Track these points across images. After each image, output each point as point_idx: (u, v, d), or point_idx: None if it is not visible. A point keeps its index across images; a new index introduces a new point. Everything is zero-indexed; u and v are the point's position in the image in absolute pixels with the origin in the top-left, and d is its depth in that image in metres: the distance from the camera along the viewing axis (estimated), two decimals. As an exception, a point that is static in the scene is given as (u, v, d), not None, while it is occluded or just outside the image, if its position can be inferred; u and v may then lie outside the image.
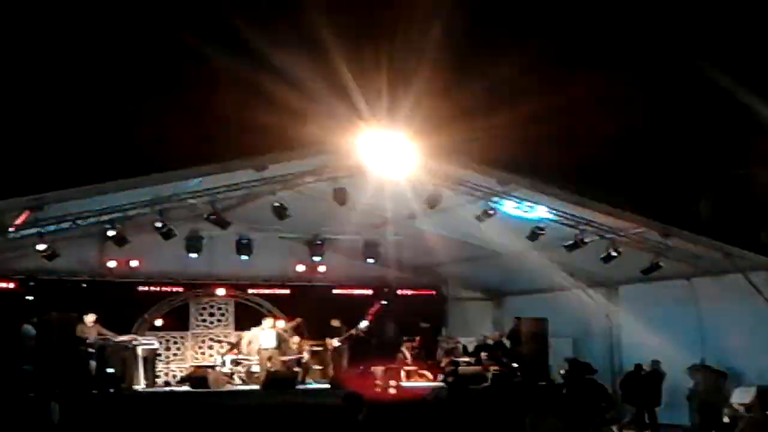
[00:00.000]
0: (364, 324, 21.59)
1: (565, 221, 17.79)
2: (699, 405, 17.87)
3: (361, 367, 20.03)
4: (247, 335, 20.81)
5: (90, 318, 18.61)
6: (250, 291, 23.32)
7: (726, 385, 17.70)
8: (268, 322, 20.63)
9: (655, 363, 19.18)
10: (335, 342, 21.20)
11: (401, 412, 15.45)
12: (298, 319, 21.37)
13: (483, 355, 21.01)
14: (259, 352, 19.98)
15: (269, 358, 19.76)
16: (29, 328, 17.91)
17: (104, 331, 18.66)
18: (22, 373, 16.64)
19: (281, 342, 20.21)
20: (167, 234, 17.42)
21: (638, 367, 19.32)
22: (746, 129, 19.79)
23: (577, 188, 17.04)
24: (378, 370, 19.84)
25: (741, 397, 16.89)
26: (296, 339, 21.17)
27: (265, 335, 20.16)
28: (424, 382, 21.00)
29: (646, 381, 19.08)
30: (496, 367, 20.19)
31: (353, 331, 21.31)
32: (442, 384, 19.85)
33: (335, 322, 21.59)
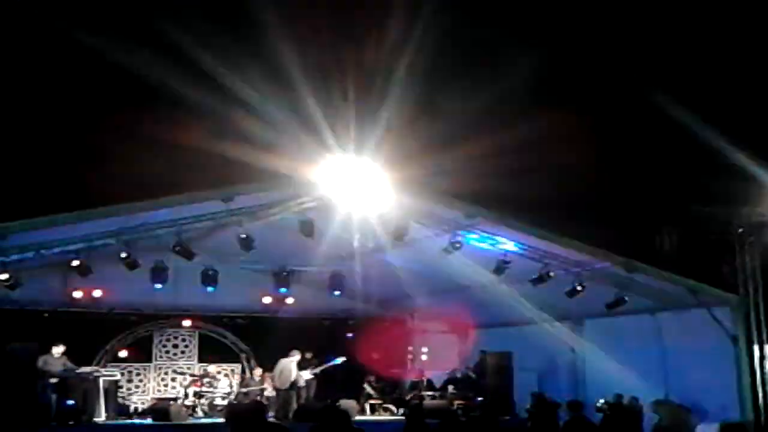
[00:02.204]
0: (341, 359, 21.58)
1: (531, 255, 17.86)
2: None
3: (329, 401, 19.91)
4: (278, 366, 20.63)
5: (59, 349, 18.44)
6: (214, 322, 23.17)
7: (690, 420, 17.76)
8: (295, 352, 20.51)
9: (618, 396, 19.15)
10: (308, 374, 21.08)
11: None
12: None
13: (450, 388, 21.00)
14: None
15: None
16: (-9, 359, 17.66)
17: (69, 363, 18.48)
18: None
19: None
20: (132, 264, 17.30)
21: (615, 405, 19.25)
22: (707, 165, 20.07)
23: (542, 222, 17.16)
24: (350, 404, 19.85)
25: (704, 432, 16.98)
26: (259, 371, 21.07)
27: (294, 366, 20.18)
28: (388, 416, 20.95)
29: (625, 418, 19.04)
30: (461, 401, 20.18)
31: (327, 366, 21.27)
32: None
33: (308, 355, 21.48)
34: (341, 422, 10.43)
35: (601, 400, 18.88)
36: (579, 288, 18.15)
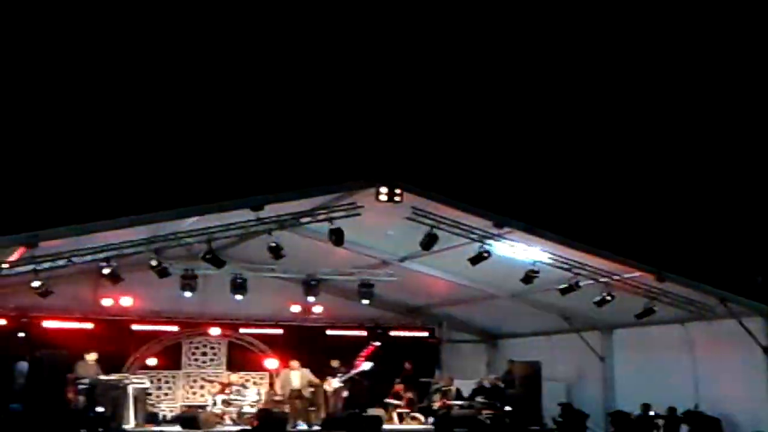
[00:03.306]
0: (368, 365, 21.63)
1: (560, 264, 17.78)
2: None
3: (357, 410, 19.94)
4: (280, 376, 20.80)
5: (92, 357, 18.62)
6: (243, 330, 23.21)
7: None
8: (294, 363, 20.60)
9: (646, 406, 19.01)
10: (336, 382, 21.12)
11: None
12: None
13: (478, 398, 20.92)
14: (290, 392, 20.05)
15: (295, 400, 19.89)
16: (23, 365, 17.81)
17: (99, 371, 18.63)
18: (10, 413, 16.52)
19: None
20: (162, 272, 17.38)
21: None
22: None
23: (571, 232, 17.08)
24: (378, 412, 19.90)
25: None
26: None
27: (294, 376, 20.24)
28: (416, 425, 20.91)
29: (637, 425, 18.94)
30: (489, 411, 20.09)
31: (354, 373, 21.32)
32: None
33: (335, 363, 21.54)
34: (373, 429, 10.45)
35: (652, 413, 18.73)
36: (608, 297, 18.05)
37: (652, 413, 18.80)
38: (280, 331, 23.44)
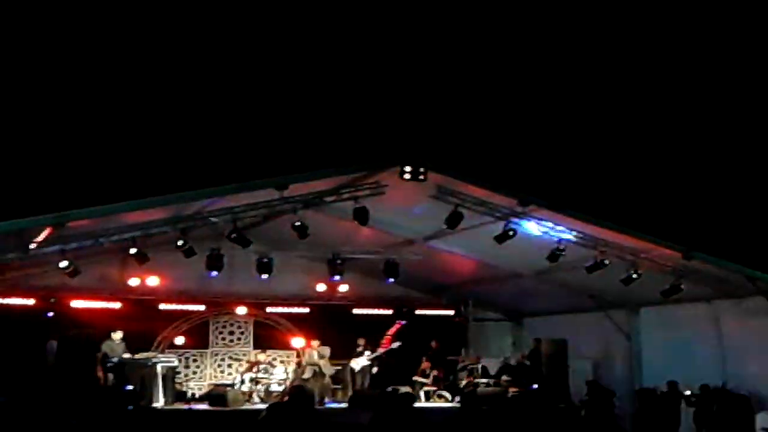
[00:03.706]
0: (396, 344, 21.78)
1: (586, 242, 17.72)
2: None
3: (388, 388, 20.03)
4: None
5: (118, 335, 18.84)
6: (269, 309, 23.32)
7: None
8: (315, 342, 21.04)
9: (672, 384, 18.96)
10: (364, 360, 21.28)
11: None
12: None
13: (504, 377, 20.94)
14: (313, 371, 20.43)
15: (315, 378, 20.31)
16: (52, 345, 18.00)
17: (126, 349, 18.83)
18: (42, 392, 16.71)
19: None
20: (189, 252, 17.47)
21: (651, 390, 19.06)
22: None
23: (597, 210, 17.01)
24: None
25: (764, 421, 16.74)
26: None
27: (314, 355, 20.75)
28: (442, 403, 20.96)
29: (664, 403, 18.88)
30: (515, 389, 20.12)
31: (382, 352, 21.48)
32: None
33: (361, 342, 21.68)
34: (404, 406, 10.47)
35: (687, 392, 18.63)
36: (635, 275, 17.98)
37: (687, 392, 18.66)
38: (306, 309, 23.50)
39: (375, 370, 21.62)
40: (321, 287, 23.06)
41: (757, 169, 20.55)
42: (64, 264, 17.06)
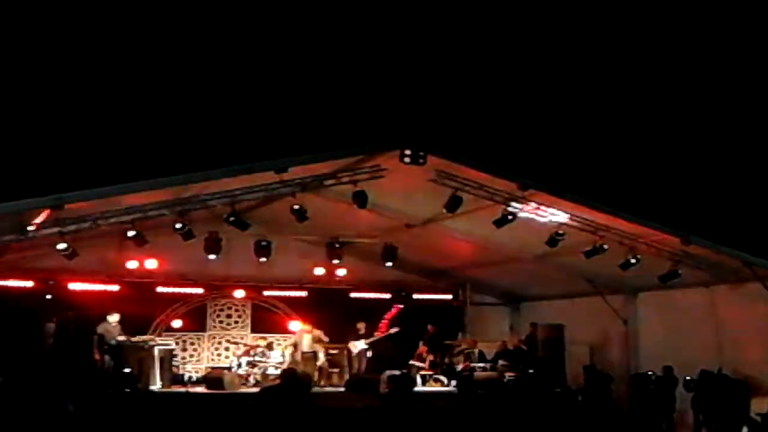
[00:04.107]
0: (394, 330, 21.85)
1: (585, 227, 17.72)
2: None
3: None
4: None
5: (114, 317, 18.83)
6: (267, 293, 23.33)
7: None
8: (307, 326, 21.09)
9: (667, 369, 18.97)
10: (362, 344, 21.32)
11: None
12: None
13: (501, 361, 20.98)
14: (301, 354, 20.43)
15: (306, 362, 20.38)
16: (50, 327, 18.01)
17: (122, 332, 18.84)
18: (38, 373, 16.70)
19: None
20: (187, 235, 17.44)
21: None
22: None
23: (596, 195, 16.98)
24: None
25: (759, 406, 16.79)
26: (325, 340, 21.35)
27: (306, 339, 20.67)
28: (439, 387, 21.01)
29: (658, 388, 18.90)
30: (512, 373, 20.15)
31: (378, 336, 21.55)
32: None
33: (360, 326, 21.72)
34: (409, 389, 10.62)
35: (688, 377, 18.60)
36: (633, 261, 17.99)
37: (688, 377, 18.62)
38: (304, 293, 23.53)
39: (370, 354, 21.65)
40: (319, 271, 23.06)
41: (756, 154, 20.53)
42: (62, 246, 17.05)
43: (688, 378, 18.41)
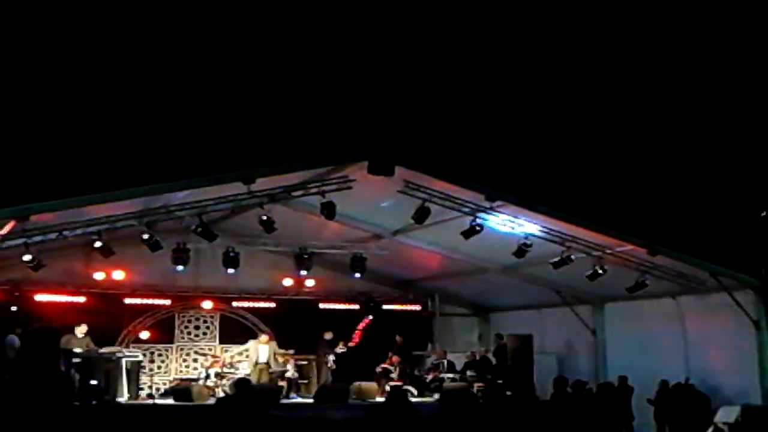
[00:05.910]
0: (341, 349, 21.96)
1: (552, 238, 17.80)
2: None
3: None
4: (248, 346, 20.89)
5: (82, 329, 18.67)
6: (236, 304, 23.24)
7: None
8: (263, 337, 20.79)
9: (622, 378, 18.98)
10: (332, 355, 21.33)
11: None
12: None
13: (469, 372, 21.00)
14: (255, 365, 20.06)
15: (261, 372, 19.91)
16: (13, 339, 17.83)
17: (91, 343, 18.67)
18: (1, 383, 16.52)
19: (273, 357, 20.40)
20: (154, 246, 17.36)
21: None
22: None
23: (564, 206, 17.06)
24: (371, 386, 20.08)
25: (725, 416, 16.92)
26: (281, 352, 21.23)
27: (262, 350, 20.28)
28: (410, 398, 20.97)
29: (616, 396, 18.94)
30: (480, 384, 20.19)
31: (348, 347, 21.64)
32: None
33: (328, 335, 21.67)
34: (403, 402, 10.66)
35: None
36: (600, 271, 18.08)
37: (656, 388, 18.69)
38: (272, 304, 23.44)
39: (333, 365, 21.56)
40: (288, 282, 23.00)
41: (722, 166, 20.72)
42: (27, 258, 16.92)
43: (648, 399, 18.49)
